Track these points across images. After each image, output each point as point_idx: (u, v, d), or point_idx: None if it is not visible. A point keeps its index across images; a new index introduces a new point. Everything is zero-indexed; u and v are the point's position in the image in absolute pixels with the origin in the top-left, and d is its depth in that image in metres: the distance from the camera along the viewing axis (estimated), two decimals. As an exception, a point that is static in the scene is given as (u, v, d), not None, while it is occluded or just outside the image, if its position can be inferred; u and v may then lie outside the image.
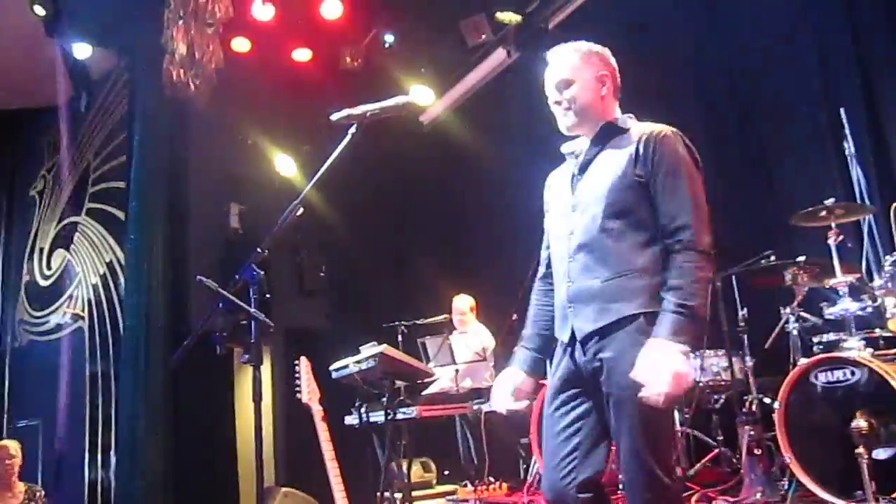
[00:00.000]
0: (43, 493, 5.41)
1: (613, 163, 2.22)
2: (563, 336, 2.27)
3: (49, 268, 8.23)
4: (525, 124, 6.90)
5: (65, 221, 8.11)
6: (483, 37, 6.76)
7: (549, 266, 2.44)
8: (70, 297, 7.78)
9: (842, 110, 4.17)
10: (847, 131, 4.09)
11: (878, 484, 2.99)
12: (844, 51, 4.58)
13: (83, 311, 7.54)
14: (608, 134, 2.30)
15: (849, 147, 4.08)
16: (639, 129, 2.26)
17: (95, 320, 7.36)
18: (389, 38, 7.06)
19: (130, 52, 7.14)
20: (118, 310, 7.07)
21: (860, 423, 3.04)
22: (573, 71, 2.32)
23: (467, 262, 7.66)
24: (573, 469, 2.16)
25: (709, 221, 2.14)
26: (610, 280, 2.15)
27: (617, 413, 2.09)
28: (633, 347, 2.05)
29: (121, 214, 7.17)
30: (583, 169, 2.31)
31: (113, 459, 6.75)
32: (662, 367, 1.95)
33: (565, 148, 2.41)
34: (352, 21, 7.02)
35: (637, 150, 2.19)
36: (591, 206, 2.21)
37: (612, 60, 2.39)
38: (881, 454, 3.07)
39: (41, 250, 8.38)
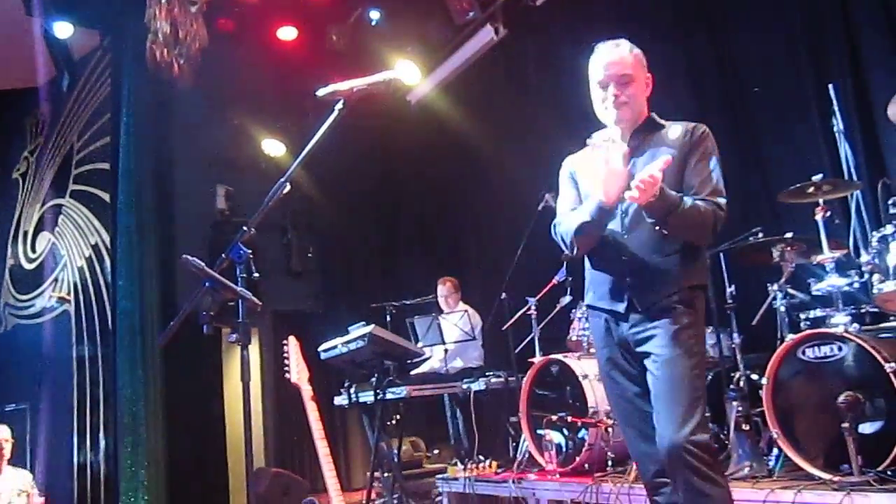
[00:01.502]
0: (31, 477, 5.38)
1: (662, 152, 2.40)
2: (617, 307, 2.42)
3: (34, 251, 8.16)
4: (512, 103, 6.88)
5: (49, 204, 8.02)
6: (470, 14, 6.70)
7: None
8: (55, 280, 7.72)
9: (830, 87, 4.16)
10: (835, 108, 4.08)
11: (864, 458, 3.02)
12: (833, 27, 4.56)
13: (69, 294, 7.49)
14: (651, 128, 2.52)
15: (837, 123, 4.07)
16: (675, 125, 2.50)
17: (81, 303, 7.32)
18: (375, 16, 6.99)
19: (113, 32, 7.05)
20: (104, 293, 7.03)
21: (846, 397, 3.06)
22: (634, 70, 2.50)
23: (455, 241, 7.65)
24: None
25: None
26: (668, 255, 2.37)
27: (657, 375, 2.28)
28: (678, 318, 2.30)
29: (105, 196, 7.11)
30: (629, 157, 2.45)
31: (102, 443, 6.74)
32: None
33: (599, 136, 2.58)
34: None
35: (685, 138, 2.44)
36: None
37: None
38: (867, 428, 3.10)
39: (25, 233, 8.31)
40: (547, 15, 6.51)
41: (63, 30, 6.86)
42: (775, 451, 3.52)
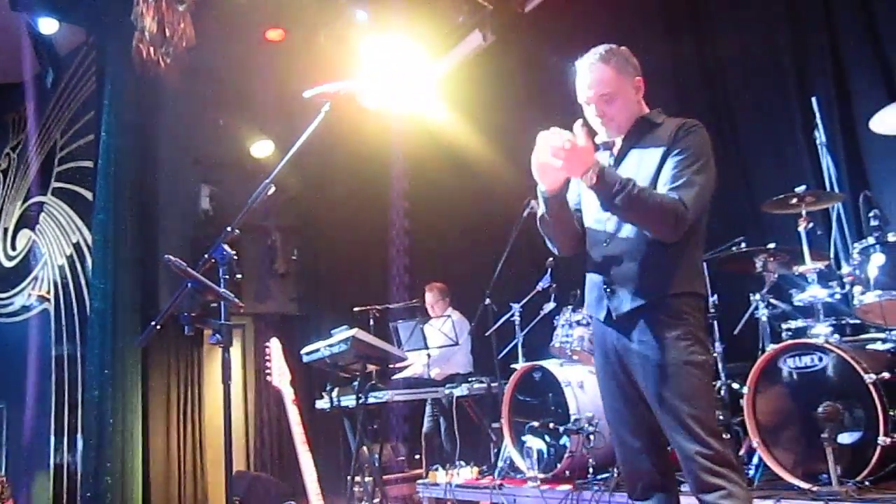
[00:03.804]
0: (5, 478, 5.32)
1: (649, 153, 2.36)
2: (599, 314, 2.42)
3: (14, 248, 8.07)
4: (500, 108, 6.88)
5: (30, 201, 7.95)
6: (459, 19, 6.71)
7: None
8: (35, 278, 7.64)
9: (814, 100, 4.19)
10: (818, 120, 4.12)
11: (843, 468, 3.04)
12: (818, 40, 4.61)
13: (49, 292, 7.41)
14: (642, 128, 2.44)
15: (820, 136, 4.11)
16: (672, 121, 2.41)
17: (61, 302, 7.25)
18: (363, 17, 6.97)
19: (99, 29, 6.99)
20: (85, 291, 6.96)
21: (826, 407, 3.09)
22: (614, 85, 2.40)
23: (440, 245, 7.64)
24: (647, 455, 2.35)
25: (703, 212, 2.31)
26: (646, 262, 2.30)
27: (653, 388, 2.23)
28: (663, 325, 2.24)
29: (88, 194, 7.05)
30: (618, 160, 2.45)
31: (79, 443, 6.67)
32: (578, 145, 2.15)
33: (599, 139, 2.49)
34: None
35: (670, 137, 2.33)
36: None
37: (636, 61, 2.49)
38: (846, 439, 3.12)
39: (5, 230, 8.23)
40: (535, 22, 6.53)
41: (48, 26, 6.80)
42: (755, 460, 3.54)
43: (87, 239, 7.06)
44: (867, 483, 3.01)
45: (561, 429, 4.30)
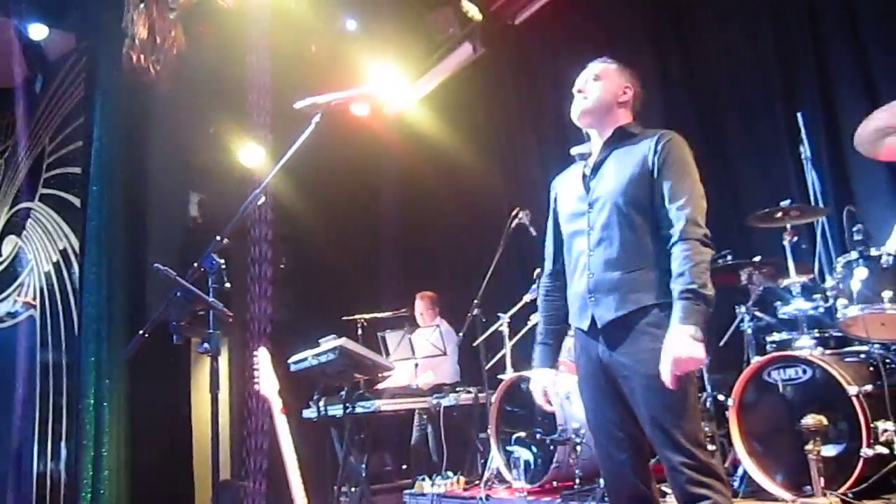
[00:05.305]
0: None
1: (628, 161, 2.43)
2: (582, 324, 2.45)
3: (0, 254, 8.01)
4: (489, 118, 6.93)
5: (17, 207, 7.88)
6: (450, 31, 6.75)
7: (555, 262, 2.67)
8: (21, 284, 7.58)
9: (799, 114, 4.24)
10: (804, 135, 4.17)
11: (827, 479, 3.06)
12: (804, 56, 4.67)
13: (34, 299, 7.35)
14: (620, 137, 2.51)
15: (805, 150, 4.16)
16: (650, 132, 2.49)
17: (48, 309, 7.18)
18: (353, 26, 6.99)
19: (89, 35, 6.96)
20: (71, 298, 6.91)
21: (810, 419, 3.11)
22: (604, 72, 2.57)
23: (430, 255, 7.66)
24: (631, 467, 2.37)
25: (705, 215, 2.35)
26: (630, 271, 2.34)
27: (639, 400, 2.25)
28: (648, 336, 2.26)
29: (76, 201, 7.00)
30: (595, 169, 2.51)
31: (63, 451, 6.61)
32: (670, 350, 2.15)
33: (575, 150, 2.61)
34: (317, 9, 6.94)
35: (651, 148, 2.40)
36: (610, 202, 2.40)
37: (639, 86, 2.61)
38: (830, 450, 3.14)
39: (-9, 236, 8.16)
40: (525, 34, 6.58)
41: (38, 31, 6.77)
42: (740, 471, 3.56)
43: (73, 246, 7.01)
44: (850, 494, 3.03)
45: (548, 439, 4.31)
